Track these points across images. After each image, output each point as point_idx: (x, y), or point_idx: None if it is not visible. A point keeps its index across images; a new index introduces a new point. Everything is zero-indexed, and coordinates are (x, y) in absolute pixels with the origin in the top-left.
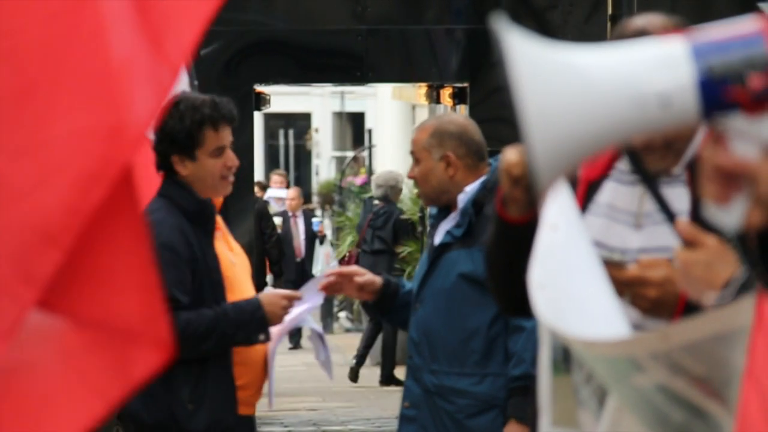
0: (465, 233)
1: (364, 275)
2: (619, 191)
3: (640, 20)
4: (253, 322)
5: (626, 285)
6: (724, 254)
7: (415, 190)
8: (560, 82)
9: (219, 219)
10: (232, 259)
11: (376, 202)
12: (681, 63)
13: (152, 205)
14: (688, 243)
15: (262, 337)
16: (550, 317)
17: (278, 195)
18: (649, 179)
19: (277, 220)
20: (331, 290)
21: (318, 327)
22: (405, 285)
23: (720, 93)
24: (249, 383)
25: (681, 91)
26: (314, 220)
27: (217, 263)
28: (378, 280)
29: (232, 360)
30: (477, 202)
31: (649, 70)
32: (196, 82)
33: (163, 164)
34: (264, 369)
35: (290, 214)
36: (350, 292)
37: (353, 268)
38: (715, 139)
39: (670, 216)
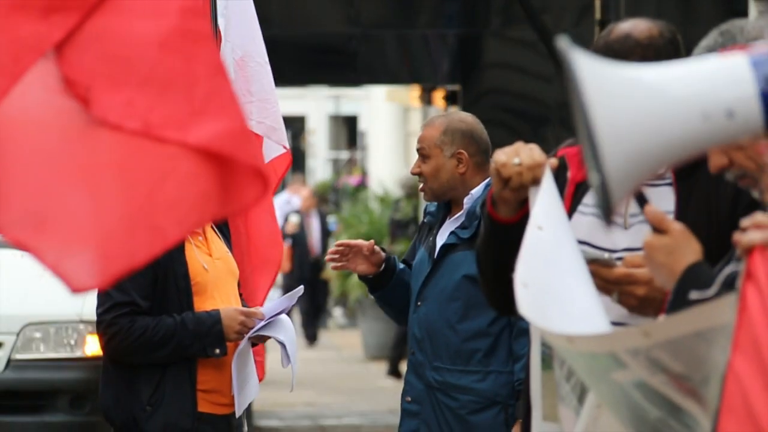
0: (472, 235)
1: (371, 245)
2: None
3: (626, 25)
4: (210, 336)
5: (614, 283)
6: (688, 241)
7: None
8: (631, 99)
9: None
10: (206, 264)
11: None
12: (743, 75)
13: None
14: (655, 228)
15: (217, 351)
16: (533, 314)
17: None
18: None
19: (295, 219)
20: (339, 264)
21: (281, 337)
22: (399, 264)
23: None
24: (219, 387)
25: (745, 102)
26: (330, 220)
27: (185, 269)
28: (381, 251)
29: (195, 365)
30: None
31: (714, 83)
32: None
33: None
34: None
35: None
36: (356, 265)
37: (358, 240)
38: None
39: (641, 204)
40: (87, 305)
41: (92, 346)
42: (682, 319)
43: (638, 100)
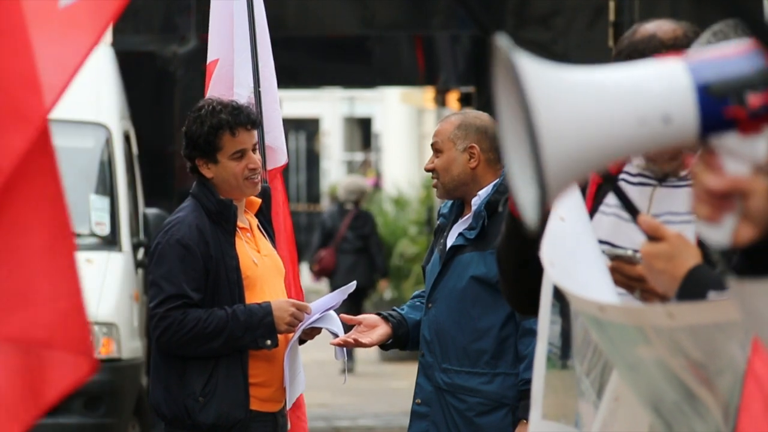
0: (477, 236)
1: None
2: (627, 192)
3: (651, 25)
4: (261, 327)
5: (636, 280)
6: (686, 246)
7: (423, 193)
8: (573, 100)
9: (252, 221)
10: (255, 259)
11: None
12: (681, 82)
13: (181, 205)
14: (651, 237)
15: (268, 342)
16: (565, 284)
17: None
18: (610, 177)
19: None
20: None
21: (335, 329)
22: (405, 310)
23: (720, 111)
24: (269, 381)
25: (681, 109)
26: None
27: (236, 262)
28: (385, 328)
29: (247, 357)
30: (490, 205)
31: (651, 89)
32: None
33: (192, 167)
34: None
35: None
36: (369, 339)
37: (354, 318)
38: (706, 158)
39: (633, 214)
40: (101, 308)
41: (106, 349)
42: (704, 307)
43: (581, 103)
